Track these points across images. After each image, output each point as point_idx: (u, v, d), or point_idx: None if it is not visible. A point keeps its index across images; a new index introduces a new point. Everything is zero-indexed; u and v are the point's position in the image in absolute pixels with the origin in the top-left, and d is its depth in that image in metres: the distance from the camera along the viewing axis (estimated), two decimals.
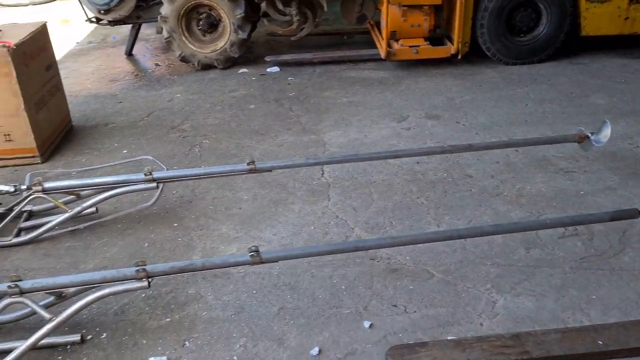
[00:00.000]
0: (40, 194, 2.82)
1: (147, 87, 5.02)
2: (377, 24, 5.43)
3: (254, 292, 2.45)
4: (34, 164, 3.60)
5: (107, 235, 2.88)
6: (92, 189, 2.88)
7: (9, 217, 2.86)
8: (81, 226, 2.91)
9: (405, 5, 4.78)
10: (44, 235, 2.84)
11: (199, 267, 2.23)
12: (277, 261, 2.37)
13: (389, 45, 4.94)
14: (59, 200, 2.87)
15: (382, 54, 4.95)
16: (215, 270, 2.49)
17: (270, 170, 2.98)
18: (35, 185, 2.81)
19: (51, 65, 3.91)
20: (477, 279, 2.46)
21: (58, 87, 4.00)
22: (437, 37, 5.16)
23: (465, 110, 4.20)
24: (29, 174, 3.02)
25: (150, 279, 2.15)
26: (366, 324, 2.24)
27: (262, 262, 2.20)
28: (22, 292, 2.11)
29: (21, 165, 3.59)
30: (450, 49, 4.93)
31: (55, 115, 3.88)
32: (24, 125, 3.49)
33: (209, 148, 3.79)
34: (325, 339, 2.19)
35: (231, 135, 3.97)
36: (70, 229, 2.89)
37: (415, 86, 4.71)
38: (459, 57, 4.94)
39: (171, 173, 2.91)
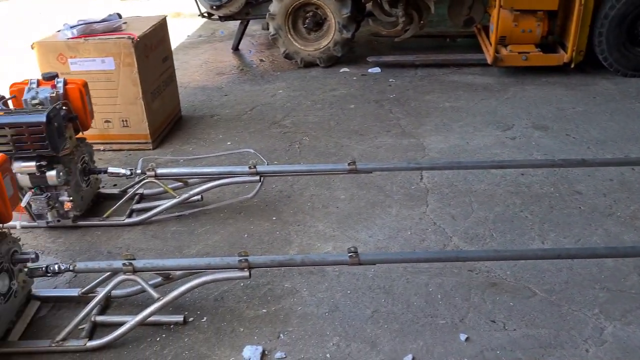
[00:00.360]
0: (152, 179, 2.99)
1: (251, 81, 5.18)
2: (485, 28, 5.28)
3: (348, 292, 2.46)
4: (146, 149, 3.82)
5: (209, 223, 3.00)
6: (199, 177, 3.02)
7: (124, 199, 3.06)
8: (186, 212, 3.06)
9: (517, 10, 4.60)
10: (153, 218, 3.00)
11: (298, 263, 2.28)
12: (374, 264, 2.37)
13: (496, 51, 4.78)
14: (169, 186, 3.02)
15: (489, 59, 4.80)
16: (311, 267, 2.53)
17: (370, 172, 2.98)
18: (148, 170, 2.98)
19: (168, 57, 4.13)
20: (583, 302, 2.33)
21: (172, 78, 4.22)
22: (548, 44, 4.93)
23: (576, 122, 3.98)
24: (141, 159, 3.21)
25: (251, 270, 2.22)
26: (462, 336, 2.19)
27: (359, 264, 2.20)
28: (134, 271, 2.24)
29: (135, 150, 3.82)
30: (563, 57, 4.69)
31: (167, 105, 4.10)
32: (140, 113, 3.71)
33: (309, 145, 3.85)
34: (419, 347, 2.16)
35: (330, 134, 4.00)
36: (176, 214, 3.04)
37: (522, 94, 4.53)
38: (572, 66, 4.69)
39: (273, 168, 2.98)
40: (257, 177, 2.93)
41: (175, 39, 6.56)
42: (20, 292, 2.29)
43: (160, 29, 3.97)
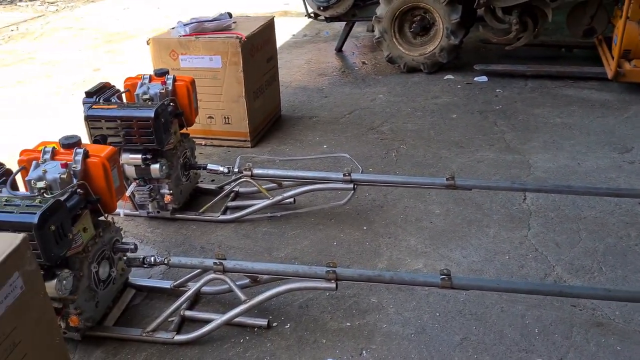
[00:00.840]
0: (248, 179, 3.03)
1: (352, 84, 5.14)
2: (607, 40, 4.89)
3: (437, 314, 2.34)
4: (244, 147, 3.90)
5: (300, 227, 2.99)
6: (293, 180, 3.02)
7: (220, 195, 3.12)
8: (278, 214, 3.07)
9: None
10: (246, 217, 3.04)
11: (386, 280, 2.20)
12: (468, 289, 2.24)
13: (618, 65, 4.41)
14: (263, 187, 3.05)
15: (609, 74, 4.44)
16: None
17: (470, 189, 2.84)
18: (245, 169, 3.02)
19: (272, 57, 4.18)
20: None
21: (275, 77, 4.27)
22: None
23: None
24: (239, 157, 3.27)
25: (338, 282, 2.18)
26: None
27: (451, 287, 2.10)
28: (224, 270, 2.28)
29: (234, 147, 3.91)
30: None
31: (268, 104, 4.16)
32: (241, 111, 3.78)
33: (406, 154, 3.75)
34: None
35: (429, 144, 3.87)
36: (269, 215, 3.06)
37: None
38: None
39: (368, 176, 2.92)
40: (351, 185, 2.88)
41: (281, 37, 6.66)
42: (119, 280, 2.40)
43: (267, 30, 4.03)
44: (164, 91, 2.92)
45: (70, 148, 2.19)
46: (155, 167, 2.81)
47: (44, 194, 2.02)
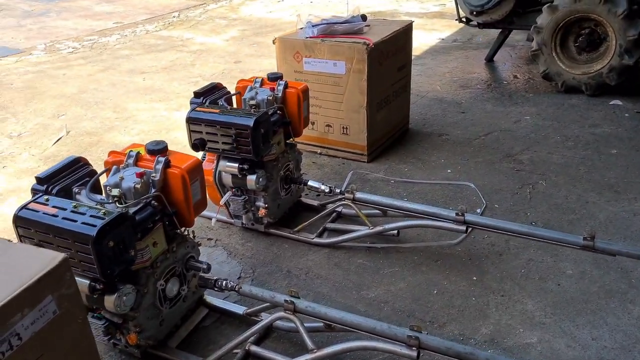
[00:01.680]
0: (350, 202, 2.74)
1: (495, 100, 4.60)
2: None
3: None
4: (360, 161, 3.61)
5: (399, 264, 2.64)
6: (399, 212, 2.67)
7: (319, 215, 2.87)
8: (378, 245, 2.75)
9: None
10: (342, 244, 2.77)
11: None
12: None
13: None
14: (366, 213, 2.75)
15: None
16: None
17: (613, 255, 2.27)
18: (348, 192, 2.74)
19: (405, 65, 3.83)
20: None
21: (405, 88, 3.92)
22: None
23: None
24: (350, 173, 3.00)
25: (420, 351, 1.82)
26: None
27: None
28: (295, 311, 2.02)
29: (349, 159, 3.63)
30: None
31: (393, 117, 3.82)
32: (361, 123, 3.49)
33: (543, 192, 3.19)
34: None
35: (575, 183, 3.27)
36: (367, 244, 2.76)
37: None
38: None
39: (485, 220, 2.47)
40: (464, 227, 2.46)
41: (427, 40, 6.27)
42: (191, 297, 2.26)
43: (402, 36, 3.68)
44: (271, 98, 2.73)
45: (154, 155, 2.07)
46: (251, 178, 2.64)
47: (117, 203, 1.91)
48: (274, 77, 2.86)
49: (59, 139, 4.11)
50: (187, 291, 2.20)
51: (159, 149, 2.07)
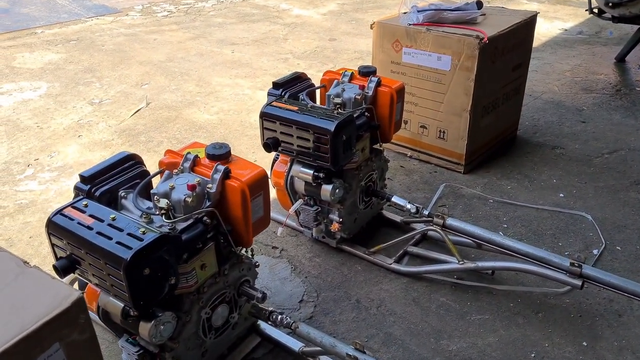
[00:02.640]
0: (438, 229, 2.32)
1: (625, 110, 3.92)
2: None
3: None
4: (456, 171, 3.14)
5: (490, 310, 2.20)
6: (497, 249, 2.22)
7: (401, 238, 2.48)
8: (467, 282, 2.32)
9: None
10: (425, 275, 2.37)
11: None
12: None
13: None
14: (454, 239, 2.32)
15: None
16: None
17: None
18: (437, 216, 2.32)
19: (522, 64, 3.29)
20: None
21: (519, 90, 3.38)
22: None
23: None
24: (442, 186, 2.60)
25: None
26: None
27: None
28: None
29: (443, 167, 3.18)
30: None
31: (501, 123, 3.30)
32: (461, 128, 3.02)
33: None
34: None
35: None
36: (454, 280, 2.33)
37: None
38: None
39: (607, 277, 1.97)
40: (578, 282, 1.98)
41: (548, 30, 5.56)
42: (242, 324, 1.96)
43: (522, 29, 3.13)
44: (360, 97, 2.34)
45: (214, 160, 1.76)
46: (327, 188, 2.27)
47: (164, 217, 1.63)
48: (366, 72, 2.46)
49: (137, 111, 3.95)
50: (237, 318, 1.90)
51: (219, 155, 1.76)
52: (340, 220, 2.40)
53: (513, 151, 3.39)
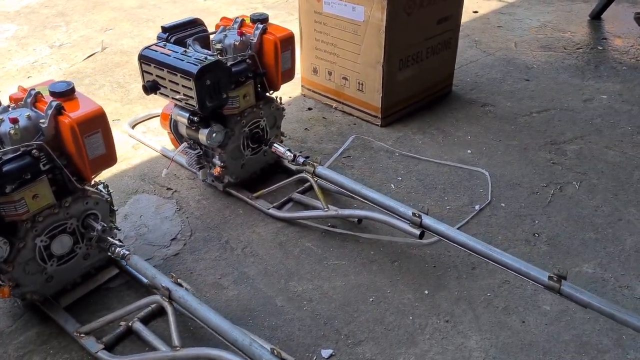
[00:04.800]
0: (309, 176, 2.39)
1: (575, 70, 3.81)
2: None
3: None
4: (373, 124, 3.16)
5: (349, 257, 2.27)
6: (359, 199, 2.27)
7: (285, 182, 2.55)
8: (337, 230, 2.38)
9: None
10: (301, 220, 2.44)
11: None
12: None
13: None
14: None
15: None
16: None
17: (584, 307, 1.74)
18: (309, 165, 2.37)
19: (448, 18, 3.21)
20: None
21: (448, 45, 3.32)
22: None
23: None
24: (350, 139, 2.68)
25: None
26: None
27: None
28: (170, 298, 1.79)
29: (362, 120, 3.20)
30: None
31: (426, 78, 3.27)
32: (376, 80, 3.02)
33: (570, 197, 2.58)
34: None
35: (618, 192, 2.61)
36: (326, 227, 2.40)
37: None
38: None
39: (445, 229, 1.99)
40: (417, 232, 2.03)
41: None
42: (97, 255, 2.09)
43: None
44: (238, 43, 2.38)
45: (55, 98, 1.87)
46: (203, 132, 2.35)
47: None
48: (257, 19, 2.48)
49: (91, 55, 4.07)
50: (85, 249, 2.03)
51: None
52: (223, 164, 2.48)
53: (440, 107, 3.37)
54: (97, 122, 1.87)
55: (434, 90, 3.38)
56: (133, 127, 3.14)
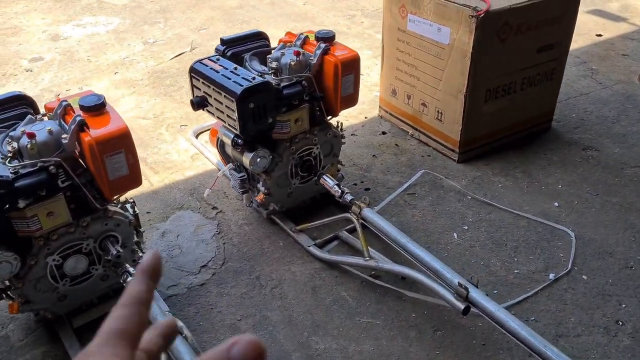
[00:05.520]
0: (354, 218, 2.13)
1: None
2: None
3: None
4: (450, 158, 2.82)
5: (386, 316, 1.98)
6: (405, 252, 1.97)
7: (325, 220, 2.30)
8: (378, 282, 2.10)
9: None
10: (338, 264, 2.19)
11: None
12: None
13: None
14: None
15: None
16: None
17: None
18: (354, 205, 2.12)
19: (553, 45, 2.78)
20: None
21: (550, 76, 2.87)
22: None
23: None
24: (419, 173, 2.40)
25: None
26: None
27: None
28: None
29: (439, 151, 2.87)
30: None
31: (518, 112, 2.86)
32: (456, 112, 2.68)
33: None
34: None
35: None
36: (369, 276, 2.13)
37: None
38: None
39: (492, 306, 1.66)
40: (461, 306, 1.71)
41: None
42: (115, 277, 1.99)
43: (556, 4, 2.64)
44: (294, 63, 2.17)
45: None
46: (247, 156, 2.17)
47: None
48: (322, 37, 2.26)
49: (179, 55, 4.07)
50: (102, 270, 1.93)
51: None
52: (267, 191, 2.29)
53: (532, 146, 2.94)
54: (120, 142, 1.75)
55: (527, 125, 2.96)
56: (197, 135, 3.05)
